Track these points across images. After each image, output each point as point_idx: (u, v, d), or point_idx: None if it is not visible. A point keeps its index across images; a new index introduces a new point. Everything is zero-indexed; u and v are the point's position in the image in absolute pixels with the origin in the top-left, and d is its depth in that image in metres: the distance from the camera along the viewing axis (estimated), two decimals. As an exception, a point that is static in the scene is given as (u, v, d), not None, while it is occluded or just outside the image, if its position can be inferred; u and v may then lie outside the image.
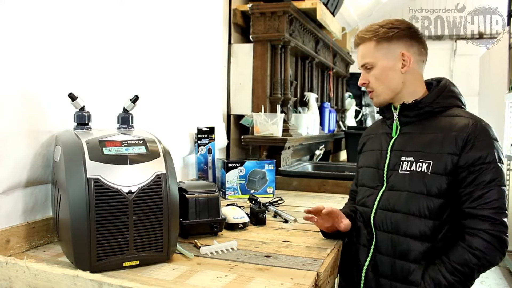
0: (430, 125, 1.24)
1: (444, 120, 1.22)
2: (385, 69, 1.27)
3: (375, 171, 1.31)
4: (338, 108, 3.97)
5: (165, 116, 1.73)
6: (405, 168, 1.22)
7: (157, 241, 1.04)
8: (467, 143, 1.15)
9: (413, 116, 1.27)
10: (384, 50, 1.26)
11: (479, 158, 1.14)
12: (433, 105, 1.24)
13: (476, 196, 1.13)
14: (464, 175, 1.15)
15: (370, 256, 1.27)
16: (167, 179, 1.05)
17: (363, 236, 1.31)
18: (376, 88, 1.30)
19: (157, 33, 1.69)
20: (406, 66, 1.26)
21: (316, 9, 2.53)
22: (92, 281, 0.85)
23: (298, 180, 2.22)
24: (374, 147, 1.36)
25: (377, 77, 1.28)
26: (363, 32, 1.30)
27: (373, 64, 1.28)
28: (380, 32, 1.26)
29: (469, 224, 1.14)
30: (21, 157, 1.11)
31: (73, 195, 0.95)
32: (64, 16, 1.24)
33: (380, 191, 1.27)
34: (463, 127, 1.17)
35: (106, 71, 1.40)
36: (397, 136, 1.29)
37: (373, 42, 1.27)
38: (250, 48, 2.40)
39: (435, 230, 1.17)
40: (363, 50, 1.30)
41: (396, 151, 1.27)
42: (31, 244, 1.15)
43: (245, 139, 2.34)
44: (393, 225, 1.22)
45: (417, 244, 1.18)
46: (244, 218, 1.41)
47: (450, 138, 1.17)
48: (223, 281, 0.96)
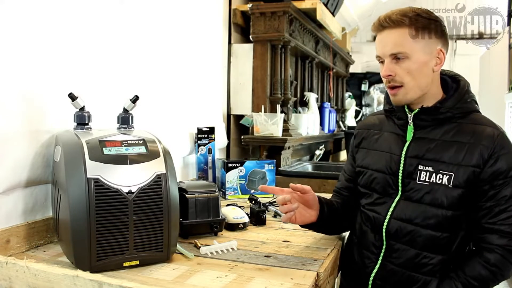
0: (451, 132, 1.14)
1: (466, 127, 1.13)
2: (421, 64, 1.12)
3: (387, 177, 1.20)
4: (338, 108, 3.97)
5: (165, 116, 1.73)
6: (424, 178, 1.13)
7: (157, 241, 1.04)
8: (492, 156, 1.08)
9: (430, 121, 1.16)
10: (422, 42, 1.11)
11: (504, 172, 1.08)
12: (454, 111, 1.14)
13: (497, 211, 1.08)
14: (486, 188, 1.09)
15: (379, 265, 1.20)
16: (167, 179, 1.05)
17: (369, 242, 1.23)
18: (407, 83, 1.13)
19: (157, 33, 1.69)
20: (439, 65, 1.14)
21: (316, 9, 2.53)
22: (92, 281, 0.85)
23: (298, 180, 2.21)
24: (382, 147, 1.24)
25: (411, 71, 1.12)
26: (398, 16, 1.11)
27: (407, 55, 1.11)
28: (419, 21, 1.10)
29: (488, 239, 1.09)
30: (21, 157, 1.11)
31: (73, 195, 0.95)
32: (64, 16, 1.24)
33: (395, 200, 1.18)
34: (488, 138, 1.09)
35: (106, 71, 1.40)
36: (411, 140, 1.18)
37: (412, 30, 1.10)
38: (250, 48, 2.40)
39: (451, 242, 1.13)
40: (396, 37, 1.11)
41: (412, 157, 1.16)
42: (31, 244, 1.15)
43: (245, 139, 2.34)
44: (409, 237, 1.15)
45: (433, 256, 1.13)
46: (244, 218, 1.41)
47: (474, 149, 1.09)
48: (223, 281, 0.96)
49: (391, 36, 1.12)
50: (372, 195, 1.25)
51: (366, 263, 1.23)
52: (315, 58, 3.06)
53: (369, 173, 1.26)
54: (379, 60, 1.18)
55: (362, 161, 1.30)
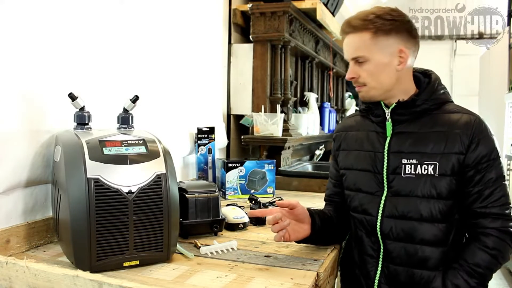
0: (428, 123, 1.16)
1: (442, 117, 1.15)
2: (380, 65, 1.15)
3: (372, 175, 1.20)
4: (338, 108, 3.97)
5: (165, 116, 1.73)
6: (409, 171, 1.14)
7: (157, 241, 1.04)
8: (473, 141, 1.10)
9: (408, 115, 1.18)
10: (381, 44, 1.14)
11: (486, 155, 1.10)
12: (430, 102, 1.17)
13: (486, 195, 1.10)
14: (472, 173, 1.11)
15: (381, 268, 1.19)
16: (167, 179, 1.05)
17: (367, 246, 1.21)
18: (368, 83, 1.17)
19: (157, 33, 1.69)
20: (402, 64, 1.16)
21: (316, 9, 2.53)
22: (92, 281, 0.85)
23: (298, 180, 2.22)
24: (363, 147, 1.24)
25: (370, 72, 1.16)
26: (356, 21, 1.15)
27: (367, 58, 1.15)
28: (377, 23, 1.13)
29: (482, 224, 1.11)
30: (21, 157, 1.11)
31: (73, 195, 0.95)
32: (64, 16, 1.24)
33: (382, 197, 1.18)
34: (465, 125, 1.12)
35: (106, 71, 1.40)
36: (391, 136, 1.19)
37: (369, 33, 1.13)
38: (250, 48, 2.40)
39: (447, 233, 1.13)
40: (356, 41, 1.15)
41: (395, 152, 1.17)
42: (31, 244, 1.15)
43: (245, 139, 2.34)
44: (406, 234, 1.14)
45: (434, 250, 1.13)
46: (244, 218, 1.41)
47: (454, 137, 1.11)
48: (223, 281, 0.96)
49: (350, 41, 1.17)
50: (357, 196, 1.23)
51: (368, 269, 1.21)
52: (315, 58, 3.06)
53: (354, 173, 1.26)
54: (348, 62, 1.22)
55: (344, 163, 1.30)
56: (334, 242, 1.28)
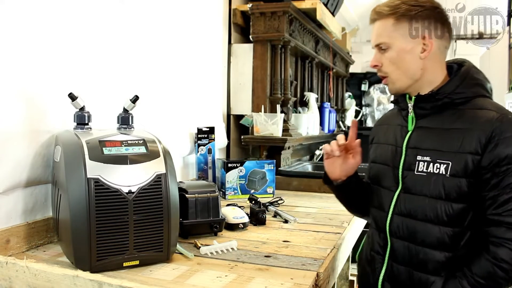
0: (450, 119, 1.08)
1: (465, 113, 1.06)
2: (402, 52, 1.10)
3: (390, 170, 1.17)
4: (338, 108, 3.97)
5: (165, 116, 1.73)
6: (422, 169, 1.08)
7: (157, 241, 1.04)
8: (491, 141, 1.00)
9: (429, 109, 1.11)
10: (403, 30, 1.09)
11: (505, 158, 0.99)
12: (453, 96, 1.08)
13: (502, 201, 0.99)
14: (488, 176, 1.00)
15: (386, 265, 1.15)
16: (167, 179, 1.05)
17: (375, 242, 1.19)
18: (391, 73, 1.13)
19: (157, 33, 1.69)
20: (426, 51, 1.09)
21: (316, 9, 2.53)
22: (92, 281, 0.86)
23: (298, 180, 2.22)
24: (388, 140, 1.21)
25: (392, 60, 1.11)
26: (381, 7, 1.12)
27: (389, 45, 1.11)
28: (401, 8, 1.08)
29: (494, 233, 1.00)
30: (21, 157, 1.11)
31: (73, 195, 0.95)
32: (64, 16, 1.24)
33: (395, 193, 1.14)
34: (486, 122, 1.02)
35: (106, 71, 1.40)
36: (412, 130, 1.14)
37: (392, 19, 1.10)
38: (250, 48, 2.40)
39: (456, 237, 1.04)
40: (379, 28, 1.12)
41: (412, 148, 1.12)
42: (31, 244, 1.15)
43: (245, 139, 2.34)
44: (409, 233, 1.10)
45: (436, 253, 1.06)
46: (244, 218, 1.41)
47: (471, 135, 1.02)
48: (223, 281, 0.96)
49: (375, 27, 1.14)
50: (376, 190, 1.22)
51: (375, 265, 1.18)
52: (315, 58, 3.06)
53: (376, 167, 1.24)
54: None
55: (372, 156, 1.28)
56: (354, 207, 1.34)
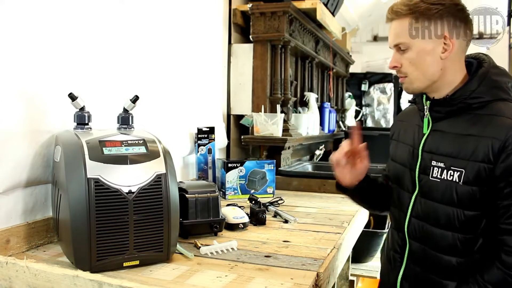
0: (466, 124, 1.05)
1: (482, 118, 1.04)
2: (422, 53, 1.07)
3: (407, 172, 1.17)
4: (338, 108, 3.97)
5: (165, 116, 1.73)
6: (436, 175, 1.08)
7: (157, 241, 1.04)
8: (504, 150, 0.98)
9: (445, 113, 1.09)
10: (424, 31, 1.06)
11: None
12: (469, 101, 1.05)
13: None
14: (502, 186, 0.99)
15: (404, 265, 1.16)
16: (167, 179, 1.05)
17: (395, 241, 1.20)
18: (410, 73, 1.10)
19: (157, 33, 1.69)
20: (447, 52, 1.06)
21: (316, 9, 2.53)
22: (92, 281, 0.86)
23: (298, 180, 2.21)
24: (407, 140, 1.20)
25: (412, 61, 1.08)
26: (399, 6, 1.08)
27: (408, 45, 1.08)
28: (420, 7, 1.05)
29: (506, 242, 1.00)
30: (21, 157, 1.11)
31: (73, 195, 0.95)
32: (64, 16, 1.24)
33: (413, 196, 1.14)
34: (500, 130, 0.99)
35: (106, 71, 1.40)
36: (428, 133, 1.13)
37: (409, 18, 1.06)
38: (250, 48, 2.40)
39: (468, 243, 1.04)
40: (397, 27, 1.09)
41: (427, 152, 1.12)
42: (31, 244, 1.15)
43: (245, 139, 2.34)
44: (425, 236, 1.11)
45: (449, 258, 1.06)
46: (244, 218, 1.41)
47: (485, 143, 1.00)
48: (223, 281, 0.96)
49: (393, 27, 1.11)
50: (396, 190, 1.22)
51: (394, 264, 1.20)
52: (315, 58, 3.06)
53: (395, 166, 1.24)
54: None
55: (392, 153, 1.28)
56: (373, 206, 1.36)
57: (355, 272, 2.14)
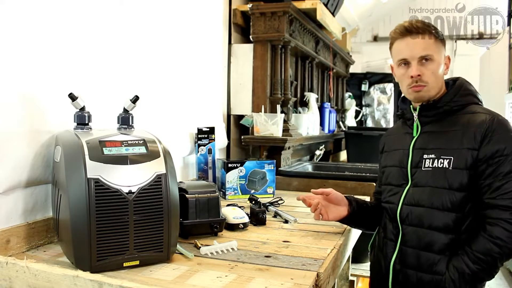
0: (450, 123, 1.28)
1: (463, 117, 1.27)
2: (439, 65, 1.31)
3: (400, 170, 1.35)
4: (338, 108, 3.97)
5: (165, 116, 1.73)
6: (428, 165, 1.27)
7: (157, 241, 1.04)
8: (485, 138, 1.20)
9: (432, 116, 1.32)
10: (439, 49, 1.31)
11: (497, 151, 1.18)
12: (451, 104, 1.29)
13: (495, 187, 1.17)
14: (483, 167, 1.19)
15: (397, 250, 1.32)
16: (167, 179, 1.05)
17: (389, 231, 1.36)
18: (431, 82, 1.29)
19: (157, 34, 1.69)
20: (447, 69, 1.34)
21: (316, 9, 2.53)
22: (92, 281, 0.86)
23: (298, 180, 2.21)
24: (396, 146, 1.41)
25: (434, 71, 1.29)
26: (420, 24, 1.30)
27: (433, 58, 1.29)
28: (435, 31, 1.31)
29: (490, 214, 1.18)
30: (21, 157, 1.11)
31: (73, 195, 0.95)
32: (64, 16, 1.24)
33: (405, 189, 1.32)
34: (481, 123, 1.22)
35: (106, 71, 1.40)
36: (418, 135, 1.34)
37: (433, 37, 1.30)
38: (250, 48, 2.40)
39: (458, 222, 1.22)
40: (424, 42, 1.29)
41: (418, 149, 1.31)
42: (31, 244, 1.15)
43: (245, 139, 2.34)
44: (418, 219, 1.27)
45: (441, 236, 1.23)
46: (244, 218, 1.41)
47: (469, 134, 1.22)
48: (223, 281, 0.96)
49: (416, 41, 1.29)
50: (387, 189, 1.39)
51: (387, 251, 1.35)
52: (315, 58, 3.06)
53: (388, 170, 1.42)
54: (403, 62, 1.31)
55: (383, 163, 1.48)
56: (369, 228, 1.49)
57: (355, 272, 2.14)
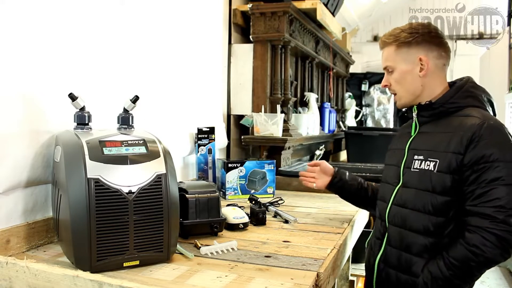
0: (444, 124, 1.27)
1: (455, 120, 1.24)
2: (404, 73, 1.31)
3: (395, 169, 1.36)
4: (338, 108, 3.97)
5: (165, 116, 1.73)
6: (416, 166, 1.27)
7: (157, 241, 1.04)
8: (471, 142, 1.16)
9: (428, 116, 1.31)
10: (403, 55, 1.31)
11: (482, 157, 1.14)
12: (447, 105, 1.27)
13: (478, 194, 1.14)
14: (468, 173, 1.16)
15: (383, 249, 1.33)
16: (167, 179, 1.05)
17: (378, 230, 1.38)
18: (398, 91, 1.35)
19: (158, 34, 1.69)
20: (423, 71, 1.29)
21: (316, 9, 2.53)
22: (92, 281, 0.86)
23: (298, 180, 2.20)
24: (397, 145, 1.42)
25: (397, 80, 1.33)
26: (386, 37, 1.35)
27: (393, 68, 1.33)
28: (400, 37, 1.31)
29: (470, 222, 1.15)
30: (21, 157, 1.11)
31: (73, 195, 0.95)
32: (64, 16, 1.24)
33: (396, 188, 1.33)
34: (470, 127, 1.18)
35: (106, 71, 1.40)
36: (415, 135, 1.34)
37: (394, 46, 1.32)
38: (250, 48, 2.40)
39: (440, 226, 1.20)
40: (385, 54, 1.36)
41: (412, 149, 1.32)
42: (31, 244, 1.15)
43: (245, 139, 2.34)
44: (402, 220, 1.28)
45: (421, 238, 1.22)
46: (244, 218, 1.41)
47: (457, 138, 1.19)
48: (223, 281, 0.96)
49: (383, 53, 1.37)
50: (382, 186, 1.42)
51: (375, 250, 1.37)
52: (315, 58, 3.06)
53: (386, 168, 1.45)
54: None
55: (385, 161, 1.49)
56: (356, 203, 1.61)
57: (355, 272, 2.14)
